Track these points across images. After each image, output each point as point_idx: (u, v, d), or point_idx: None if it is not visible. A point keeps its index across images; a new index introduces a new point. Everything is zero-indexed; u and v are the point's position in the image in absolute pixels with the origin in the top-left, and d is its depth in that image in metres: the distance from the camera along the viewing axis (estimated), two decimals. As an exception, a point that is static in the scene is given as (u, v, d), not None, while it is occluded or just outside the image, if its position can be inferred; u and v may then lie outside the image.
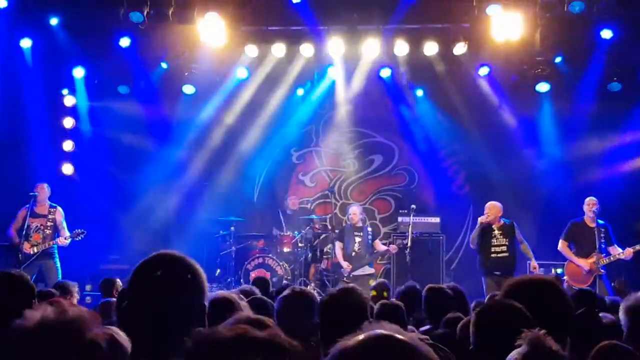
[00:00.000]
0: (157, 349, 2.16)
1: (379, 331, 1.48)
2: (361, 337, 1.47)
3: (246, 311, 3.21)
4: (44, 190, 10.29)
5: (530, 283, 3.01)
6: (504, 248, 9.95)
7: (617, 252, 9.63)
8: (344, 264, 11.14)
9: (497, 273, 9.80)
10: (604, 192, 10.64)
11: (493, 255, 9.98)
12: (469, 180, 13.20)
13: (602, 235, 9.65)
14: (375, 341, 1.45)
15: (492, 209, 10.03)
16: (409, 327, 4.98)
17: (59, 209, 10.36)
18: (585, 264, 9.67)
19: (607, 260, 9.60)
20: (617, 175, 11.70)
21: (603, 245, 9.66)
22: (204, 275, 2.34)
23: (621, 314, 3.70)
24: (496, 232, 10.03)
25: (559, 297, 2.87)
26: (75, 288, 7.04)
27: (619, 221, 10.37)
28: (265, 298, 4.82)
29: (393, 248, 11.25)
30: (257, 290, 5.36)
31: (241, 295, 4.86)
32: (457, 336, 3.98)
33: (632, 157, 11.85)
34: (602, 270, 9.58)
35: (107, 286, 7.29)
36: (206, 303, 2.34)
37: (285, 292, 3.89)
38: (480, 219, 10.14)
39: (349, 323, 3.22)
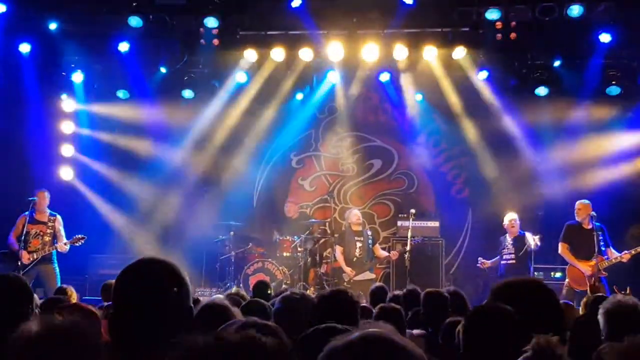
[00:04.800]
0: (145, 353, 2.15)
1: (369, 331, 1.47)
2: (352, 336, 1.46)
3: (238, 317, 3.21)
4: (44, 197, 10.29)
5: (517, 284, 3.00)
6: (512, 256, 10.43)
7: (614, 255, 9.64)
8: (347, 270, 11.13)
9: (502, 275, 10.26)
10: (604, 195, 10.65)
11: (503, 262, 10.51)
12: (469, 185, 13.19)
13: (600, 237, 9.64)
14: (365, 341, 1.44)
15: (515, 223, 10.68)
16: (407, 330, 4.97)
17: (59, 217, 10.37)
18: (586, 267, 9.65)
19: (608, 263, 9.58)
20: (616, 179, 11.68)
21: (602, 248, 9.66)
22: (187, 279, 2.35)
23: (600, 317, 3.69)
24: (509, 240, 10.55)
25: (547, 297, 2.86)
26: (74, 293, 7.02)
27: (619, 223, 10.36)
28: (263, 301, 4.81)
29: (394, 254, 11.26)
30: (246, 295, 5.34)
31: (237, 298, 4.87)
32: (456, 340, 3.96)
33: (631, 160, 11.83)
34: (604, 273, 9.58)
35: (108, 291, 7.26)
36: (192, 305, 2.34)
37: (286, 294, 3.90)
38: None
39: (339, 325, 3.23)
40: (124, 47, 11.64)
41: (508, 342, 2.48)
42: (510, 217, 10.69)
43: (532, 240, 10.20)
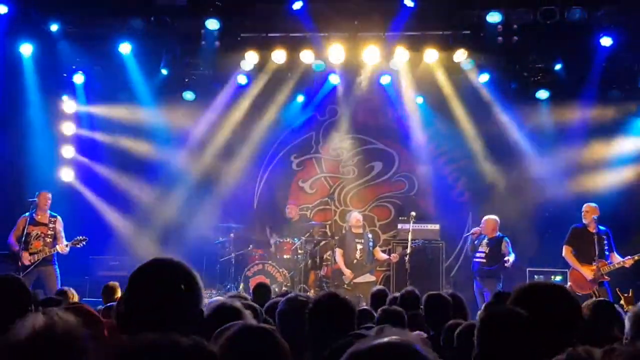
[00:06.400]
0: None
1: (393, 338, 1.46)
2: (375, 341, 1.45)
3: (249, 319, 3.20)
4: (46, 199, 10.28)
5: (538, 288, 3.00)
6: (483, 255, 10.52)
7: (617, 260, 9.56)
8: (347, 272, 11.11)
9: (477, 277, 10.55)
10: (604, 199, 10.62)
11: (475, 259, 10.66)
12: (469, 188, 13.18)
13: (605, 241, 9.58)
14: (388, 347, 1.43)
15: (489, 224, 10.65)
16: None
17: (59, 218, 10.37)
18: (588, 271, 9.59)
19: (610, 268, 9.51)
20: (617, 182, 11.66)
21: (606, 252, 9.60)
22: (200, 281, 2.34)
23: (626, 321, 3.69)
24: (485, 241, 10.59)
25: (567, 302, 2.85)
26: (75, 295, 7.00)
27: (619, 227, 10.32)
28: (256, 305, 4.79)
29: (394, 257, 11.23)
30: (247, 296, 5.33)
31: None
32: (455, 343, 3.95)
33: (632, 164, 11.82)
34: (606, 277, 9.50)
35: (108, 292, 7.27)
36: (203, 309, 2.33)
37: (291, 295, 3.88)
38: (473, 230, 10.79)
39: (335, 328, 3.22)
40: (125, 48, 11.64)
41: (522, 345, 2.47)
42: (492, 221, 10.67)
43: (507, 259, 10.21)
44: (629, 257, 9.49)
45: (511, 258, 10.23)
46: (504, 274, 10.43)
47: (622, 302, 7.62)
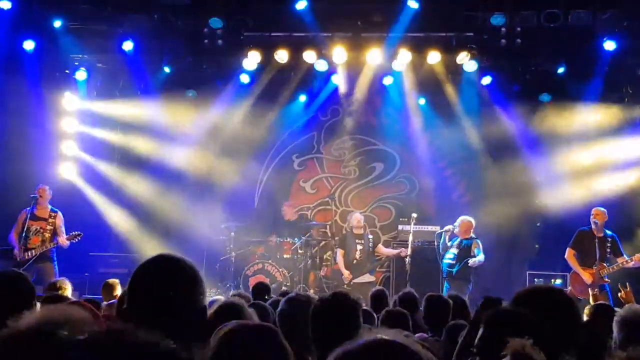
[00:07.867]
0: None
1: (381, 336, 1.46)
2: (362, 341, 1.44)
3: (254, 318, 3.20)
4: (45, 193, 10.26)
5: (539, 291, 3.00)
6: (451, 256, 10.60)
7: (621, 260, 9.41)
8: (345, 273, 11.11)
9: (447, 279, 10.65)
10: (605, 202, 10.61)
11: (445, 260, 10.71)
12: (470, 190, 13.17)
13: (609, 246, 9.50)
14: (377, 346, 1.43)
15: (463, 225, 10.70)
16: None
17: (60, 214, 10.32)
18: (587, 275, 9.51)
19: (611, 269, 9.39)
20: (619, 186, 11.63)
21: (609, 257, 9.51)
22: (202, 277, 2.34)
23: (614, 325, 3.68)
24: (456, 243, 10.66)
25: (567, 305, 2.85)
26: (68, 287, 6.91)
27: (620, 230, 10.31)
28: (264, 304, 4.79)
29: (404, 252, 11.12)
30: (248, 296, 5.33)
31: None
32: (459, 345, 3.94)
33: (635, 167, 11.80)
34: (607, 280, 9.41)
35: (108, 289, 7.26)
36: (206, 304, 2.33)
37: (291, 295, 3.88)
38: (447, 228, 10.83)
39: (340, 328, 3.21)
40: (128, 45, 11.64)
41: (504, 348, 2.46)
42: (468, 222, 10.70)
43: (473, 259, 10.23)
44: (638, 254, 9.33)
45: (478, 258, 10.26)
46: (475, 276, 10.49)
47: (620, 295, 7.52)
